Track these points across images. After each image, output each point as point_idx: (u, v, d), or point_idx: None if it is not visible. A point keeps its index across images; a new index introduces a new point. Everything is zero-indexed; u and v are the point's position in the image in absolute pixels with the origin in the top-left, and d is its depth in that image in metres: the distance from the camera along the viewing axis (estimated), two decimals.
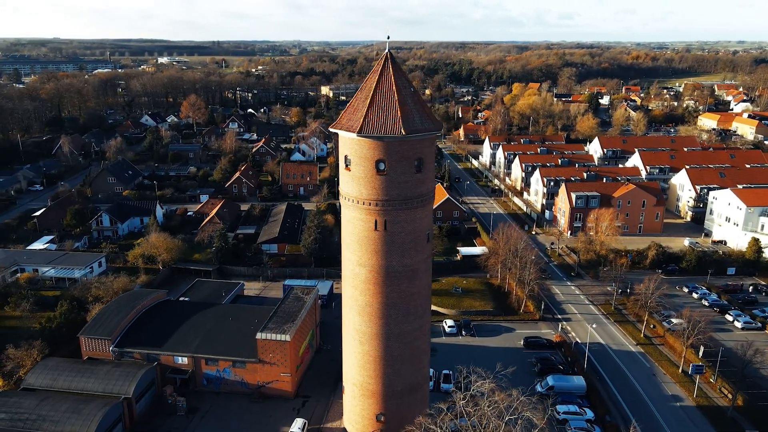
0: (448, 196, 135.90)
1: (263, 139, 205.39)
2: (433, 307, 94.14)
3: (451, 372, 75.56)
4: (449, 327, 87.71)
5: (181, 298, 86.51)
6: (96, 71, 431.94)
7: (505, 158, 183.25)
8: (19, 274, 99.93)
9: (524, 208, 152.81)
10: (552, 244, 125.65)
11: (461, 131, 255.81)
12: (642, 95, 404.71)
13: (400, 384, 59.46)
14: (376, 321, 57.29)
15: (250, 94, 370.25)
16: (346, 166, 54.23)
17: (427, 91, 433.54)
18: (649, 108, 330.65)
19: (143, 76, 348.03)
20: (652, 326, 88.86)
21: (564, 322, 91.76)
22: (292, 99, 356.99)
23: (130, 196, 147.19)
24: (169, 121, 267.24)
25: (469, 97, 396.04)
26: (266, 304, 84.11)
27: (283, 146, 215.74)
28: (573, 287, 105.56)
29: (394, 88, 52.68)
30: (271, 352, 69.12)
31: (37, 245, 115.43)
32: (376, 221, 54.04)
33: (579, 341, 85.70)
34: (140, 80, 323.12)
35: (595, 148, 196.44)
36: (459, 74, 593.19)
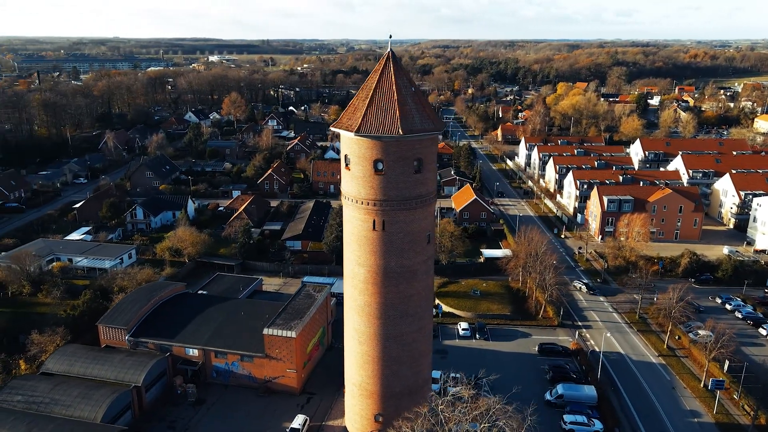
0: (475, 197, 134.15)
1: (299, 137, 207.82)
2: (449, 309, 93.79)
3: (459, 375, 74.52)
4: (463, 330, 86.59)
5: (200, 291, 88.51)
6: (149, 69, 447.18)
7: (540, 159, 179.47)
8: (54, 263, 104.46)
9: (556, 211, 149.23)
10: (579, 248, 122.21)
11: (499, 131, 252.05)
12: (696, 96, 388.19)
13: (399, 385, 59.10)
14: (375, 321, 57.15)
15: (292, 92, 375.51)
16: (346, 165, 54.32)
17: (470, 90, 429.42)
18: (702, 109, 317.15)
19: (189, 74, 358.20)
20: (677, 337, 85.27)
21: (583, 330, 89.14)
22: (332, 97, 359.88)
23: (165, 190, 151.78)
24: (211, 118, 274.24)
25: (511, 97, 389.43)
26: (282, 300, 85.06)
27: (319, 144, 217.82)
28: (597, 293, 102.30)
29: (394, 87, 52.28)
30: (278, 348, 69.94)
31: (75, 236, 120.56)
32: (374, 221, 53.88)
33: (597, 350, 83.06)
34: (186, 78, 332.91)
35: (636, 151, 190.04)
36: (504, 73, 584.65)
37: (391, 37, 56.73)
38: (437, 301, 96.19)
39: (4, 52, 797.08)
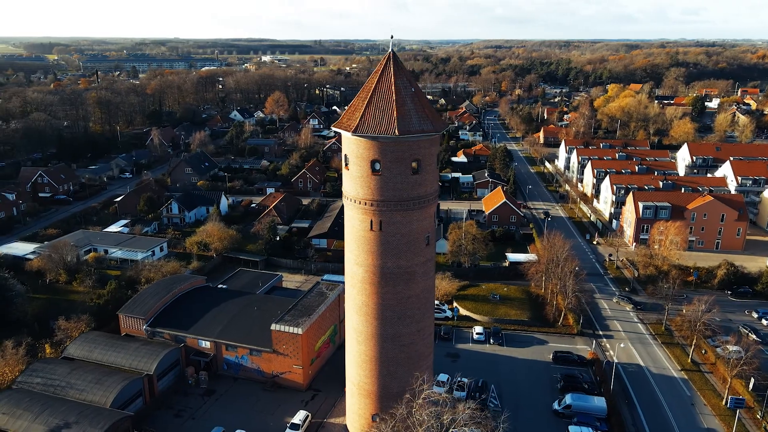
0: (505, 200, 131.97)
1: (336, 136, 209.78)
2: (466, 313, 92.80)
3: (466, 380, 73.67)
4: (477, 334, 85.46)
5: (220, 285, 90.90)
6: (202, 69, 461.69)
7: (579, 163, 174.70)
8: (89, 253, 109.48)
9: (591, 216, 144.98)
10: (610, 255, 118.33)
11: (541, 134, 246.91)
12: (760, 98, 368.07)
13: (397, 386, 58.85)
14: (372, 321, 57.27)
15: (337, 92, 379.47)
16: (346, 165, 54.61)
17: (517, 91, 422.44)
18: (764, 113, 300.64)
19: (237, 73, 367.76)
20: (703, 351, 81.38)
21: (604, 339, 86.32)
22: None
23: (202, 186, 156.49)
24: (255, 116, 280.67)
25: (559, 99, 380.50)
26: (298, 297, 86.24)
27: None
28: (623, 302, 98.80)
29: (392, 88, 52.26)
30: (285, 344, 71.05)
31: (113, 228, 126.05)
32: (371, 221, 54.04)
33: (616, 361, 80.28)
34: (234, 77, 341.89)
35: (683, 156, 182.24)
36: (555, 74, 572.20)
37: (392, 37, 56.80)
38: (455, 304, 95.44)
39: (71, 52, 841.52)
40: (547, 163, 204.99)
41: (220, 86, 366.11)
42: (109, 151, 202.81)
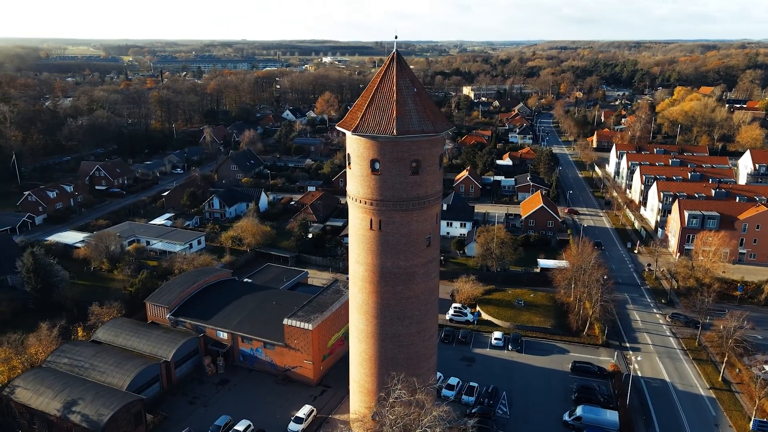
0: (542, 204, 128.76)
1: None
2: (488, 318, 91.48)
3: (477, 384, 72.69)
4: (495, 339, 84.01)
5: (245, 279, 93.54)
6: (261, 69, 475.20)
7: (629, 168, 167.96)
8: (132, 244, 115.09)
9: (635, 224, 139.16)
10: (648, 265, 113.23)
11: (594, 137, 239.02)
12: None
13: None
14: (372, 320, 57.55)
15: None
16: (348, 164, 55.18)
17: (576, 94, 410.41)
18: None
19: (293, 74, 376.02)
20: (737, 370, 76.65)
21: (630, 352, 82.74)
22: None
23: (246, 183, 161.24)
24: (307, 116, 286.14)
25: (619, 101, 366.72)
26: None
27: None
28: (658, 315, 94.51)
29: (394, 88, 52.35)
30: (296, 339, 72.39)
31: (158, 221, 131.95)
32: (371, 220, 54.35)
33: (639, 374, 76.96)
34: (289, 78, 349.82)
35: (745, 163, 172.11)
36: (619, 76, 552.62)
37: (396, 38, 56.49)
38: (478, 308, 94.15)
39: (145, 53, 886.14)
40: (596, 168, 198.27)
41: (277, 86, 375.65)
42: (165, 148, 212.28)
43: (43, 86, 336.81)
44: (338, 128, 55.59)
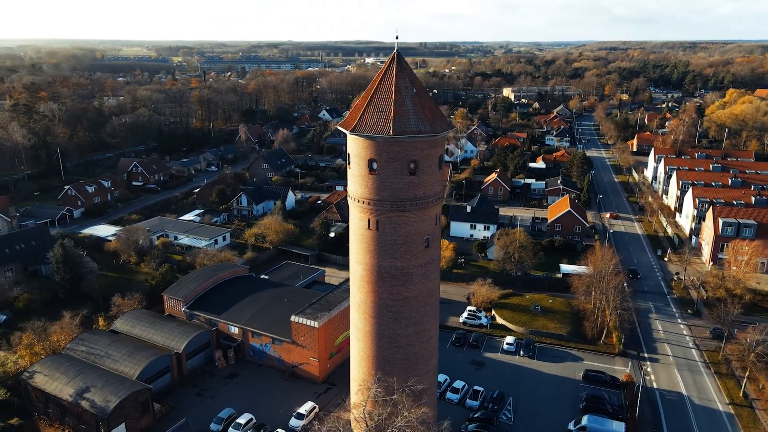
0: (569, 209, 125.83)
1: None
2: (502, 322, 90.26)
3: (482, 389, 71.77)
4: (507, 344, 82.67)
5: (263, 276, 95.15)
6: (298, 70, 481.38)
7: (666, 173, 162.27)
8: (159, 238, 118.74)
9: (669, 231, 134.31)
10: (677, 274, 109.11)
11: (634, 141, 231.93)
12: None
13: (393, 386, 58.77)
14: (370, 320, 57.63)
15: (430, 94, 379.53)
16: (348, 163, 55.53)
17: (621, 96, 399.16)
18: None
19: (331, 74, 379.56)
20: (760, 386, 73.08)
21: (647, 362, 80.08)
22: (467, 100, 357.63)
23: (276, 181, 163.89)
24: (343, 116, 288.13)
25: (665, 104, 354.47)
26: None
27: None
28: (682, 325, 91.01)
29: (393, 88, 52.37)
30: (302, 336, 73.21)
31: (188, 216, 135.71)
32: (369, 220, 54.50)
33: (656, 386, 74.40)
34: (327, 78, 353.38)
35: None
36: (669, 78, 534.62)
37: (397, 38, 56.54)
38: (492, 312, 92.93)
39: (193, 54, 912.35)
40: (634, 173, 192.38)
41: (317, 86, 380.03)
42: (202, 146, 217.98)
43: (94, 85, 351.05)
44: (339, 128, 56.06)
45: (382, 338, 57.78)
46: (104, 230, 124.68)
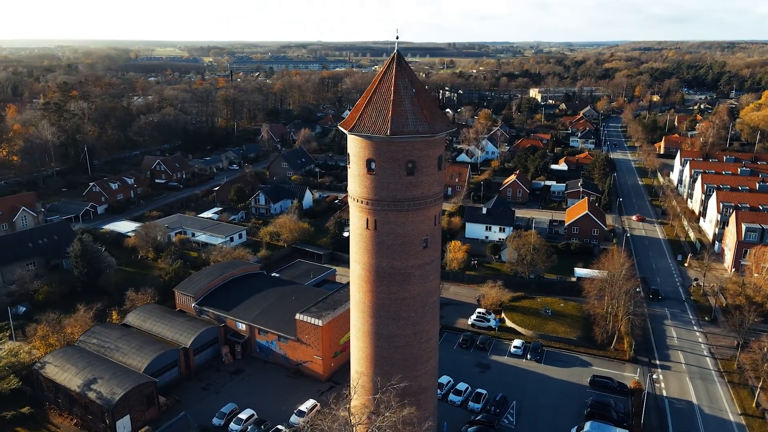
0: (587, 211, 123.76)
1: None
2: (512, 325, 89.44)
3: (485, 392, 71.19)
4: (514, 347, 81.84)
5: (274, 274, 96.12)
6: (324, 70, 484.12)
7: (691, 176, 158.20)
8: (176, 235, 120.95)
9: (691, 236, 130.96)
10: (695, 279, 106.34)
11: (662, 143, 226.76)
12: None
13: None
14: (368, 319, 57.76)
15: (455, 95, 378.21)
16: (348, 162, 55.79)
17: (653, 97, 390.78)
18: None
19: (356, 74, 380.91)
20: None
21: (658, 369, 78.28)
22: (491, 100, 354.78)
23: (295, 180, 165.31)
24: None
25: (697, 106, 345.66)
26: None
27: (459, 146, 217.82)
28: (697, 333, 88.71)
29: (392, 88, 52.38)
30: (307, 334, 73.76)
31: (206, 214, 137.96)
32: (367, 220, 54.63)
33: (665, 394, 72.73)
34: (352, 78, 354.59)
35: None
36: (703, 79, 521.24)
37: (397, 38, 56.37)
38: (502, 315, 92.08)
39: (224, 54, 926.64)
40: (659, 176, 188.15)
41: (342, 86, 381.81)
42: (226, 145, 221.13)
43: (126, 85, 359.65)
44: (339, 127, 56.36)
45: (380, 338, 57.83)
46: (125, 226, 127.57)
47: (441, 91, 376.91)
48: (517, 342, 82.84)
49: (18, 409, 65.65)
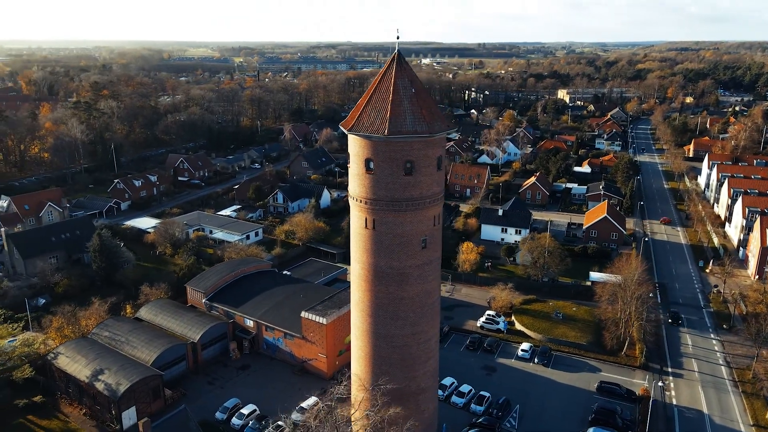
0: (605, 215, 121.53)
1: (456, 139, 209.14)
2: (521, 328, 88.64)
3: (488, 395, 70.59)
4: (522, 351, 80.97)
5: (285, 272, 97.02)
6: (350, 71, 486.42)
7: (718, 180, 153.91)
8: (194, 232, 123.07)
9: (715, 241, 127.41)
10: (715, 286, 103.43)
11: (691, 146, 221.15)
12: None
13: (389, 386, 58.85)
14: (366, 318, 57.99)
15: (481, 95, 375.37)
16: (348, 162, 56.07)
17: (686, 99, 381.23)
18: None
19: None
20: None
21: (670, 377, 76.46)
22: (518, 101, 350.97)
23: (315, 179, 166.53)
24: None
25: (731, 108, 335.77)
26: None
27: (481, 148, 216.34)
28: (714, 341, 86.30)
29: (391, 88, 52.51)
30: (312, 332, 74.29)
31: (225, 212, 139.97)
32: (366, 219, 54.87)
33: (675, 402, 71.01)
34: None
35: None
36: (741, 80, 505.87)
37: (398, 38, 56.23)
38: (512, 318, 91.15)
39: (254, 54, 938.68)
40: (685, 179, 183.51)
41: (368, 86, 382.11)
42: (250, 144, 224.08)
43: (156, 85, 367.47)
44: (340, 127, 56.66)
45: (378, 337, 57.94)
46: (145, 222, 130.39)
47: (466, 92, 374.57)
48: (524, 345, 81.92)
49: (31, 398, 67.76)
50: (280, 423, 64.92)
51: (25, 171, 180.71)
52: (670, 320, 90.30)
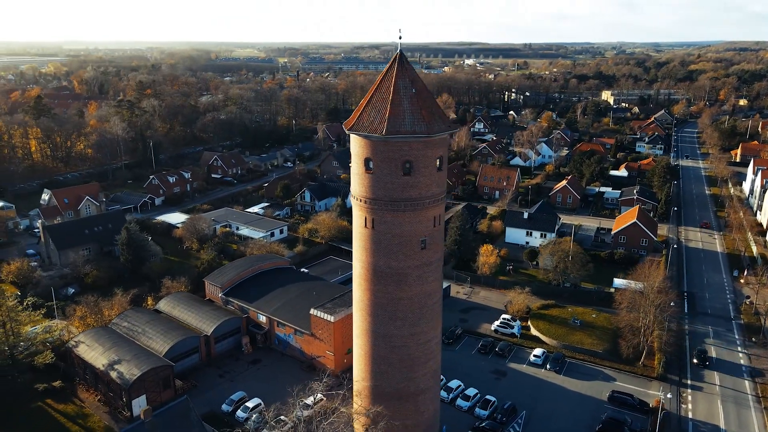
0: (635, 220, 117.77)
1: (489, 140, 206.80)
2: (537, 333, 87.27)
3: (494, 399, 69.60)
4: (534, 356, 79.43)
5: (302, 269, 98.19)
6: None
7: (763, 187, 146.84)
8: (220, 228, 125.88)
9: (754, 250, 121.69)
10: (748, 297, 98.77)
11: (738, 150, 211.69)
12: None
13: (388, 386, 59.05)
14: (366, 317, 58.24)
15: (521, 96, 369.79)
16: (349, 161, 56.43)
17: (740, 102, 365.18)
18: None
19: (421, 75, 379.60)
20: None
21: (689, 390, 73.55)
22: (558, 102, 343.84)
23: (344, 179, 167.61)
24: None
25: None
26: None
27: (514, 149, 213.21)
28: (740, 354, 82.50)
29: (392, 88, 52.66)
30: (320, 329, 74.97)
31: (254, 209, 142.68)
32: (366, 218, 55.13)
33: (690, 416, 68.31)
34: None
35: None
36: None
37: (401, 38, 56.26)
38: (528, 322, 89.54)
39: (298, 55, 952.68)
40: (729, 185, 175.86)
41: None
42: (284, 143, 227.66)
43: (201, 84, 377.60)
44: (344, 127, 57.04)
45: (377, 337, 58.05)
46: (176, 218, 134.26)
47: (506, 93, 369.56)
48: (537, 351, 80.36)
49: (50, 383, 70.85)
50: (282, 418, 65.83)
51: (70, 166, 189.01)
52: (695, 360, 79.62)
